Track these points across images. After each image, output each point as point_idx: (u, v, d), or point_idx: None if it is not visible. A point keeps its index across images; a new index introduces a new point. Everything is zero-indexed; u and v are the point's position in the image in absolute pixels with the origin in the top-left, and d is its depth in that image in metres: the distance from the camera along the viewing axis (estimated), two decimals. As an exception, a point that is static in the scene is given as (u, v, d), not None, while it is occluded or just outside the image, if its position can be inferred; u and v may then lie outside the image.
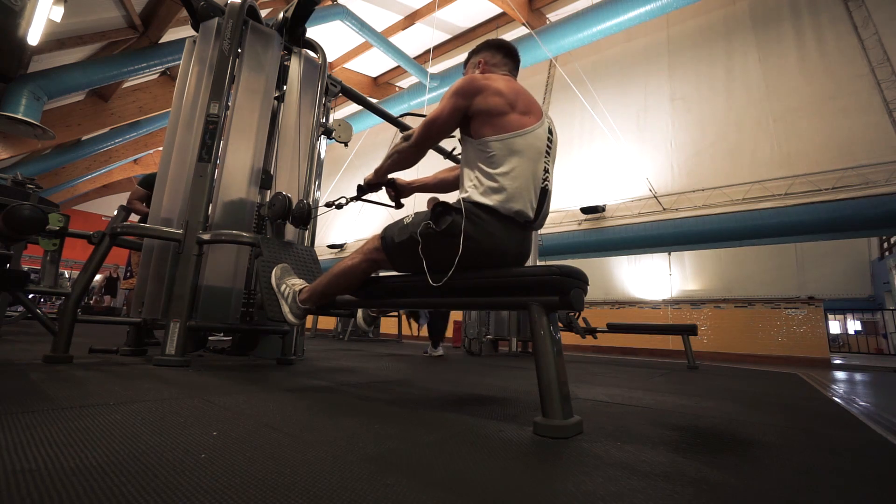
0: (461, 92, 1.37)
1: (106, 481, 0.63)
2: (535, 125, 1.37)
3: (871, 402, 2.22)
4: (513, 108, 1.35)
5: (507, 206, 1.31)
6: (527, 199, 1.34)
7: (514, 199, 1.31)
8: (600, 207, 7.07)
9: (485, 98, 1.35)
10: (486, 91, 1.35)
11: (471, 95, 1.36)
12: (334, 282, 1.58)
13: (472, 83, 1.37)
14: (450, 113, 1.39)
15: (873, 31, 5.79)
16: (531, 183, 1.35)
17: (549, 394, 1.08)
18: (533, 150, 1.35)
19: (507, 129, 1.33)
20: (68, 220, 3.10)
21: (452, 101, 1.38)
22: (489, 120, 1.34)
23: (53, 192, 11.19)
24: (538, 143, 1.37)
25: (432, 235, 1.31)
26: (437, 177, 1.80)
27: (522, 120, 1.35)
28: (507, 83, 1.39)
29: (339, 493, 0.64)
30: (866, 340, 11.30)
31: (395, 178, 1.82)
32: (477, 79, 1.38)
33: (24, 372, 1.59)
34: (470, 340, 4.96)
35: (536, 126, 1.37)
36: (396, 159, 1.56)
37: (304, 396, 1.45)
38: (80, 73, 6.04)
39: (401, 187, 1.82)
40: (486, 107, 1.34)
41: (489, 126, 1.34)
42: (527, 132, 1.35)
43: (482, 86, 1.36)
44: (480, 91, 1.36)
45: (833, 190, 5.31)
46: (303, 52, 2.97)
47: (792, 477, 0.85)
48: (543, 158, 1.38)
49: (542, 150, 1.38)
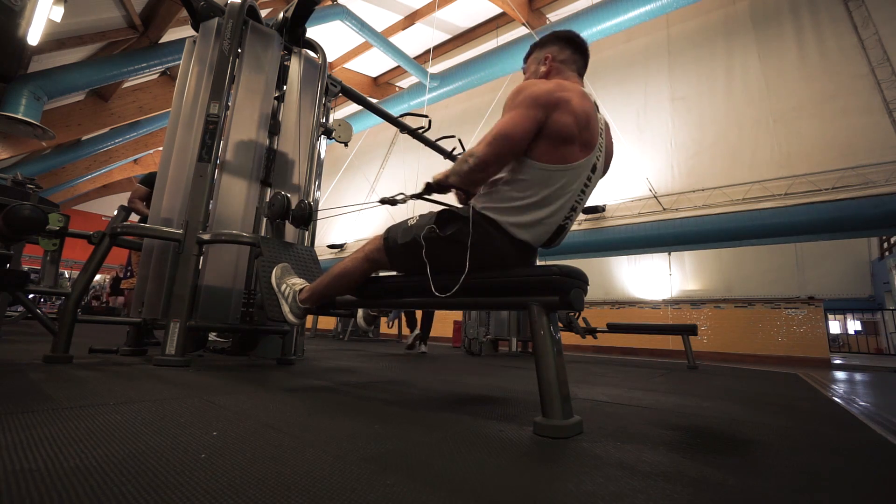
0: (541, 102, 1.18)
1: (106, 481, 0.63)
2: (584, 160, 1.23)
3: (871, 402, 2.22)
4: (578, 137, 1.21)
5: (516, 232, 1.25)
6: (539, 234, 1.27)
7: (526, 230, 1.25)
8: (600, 207, 7.07)
9: (560, 116, 1.18)
10: (565, 107, 1.18)
11: (550, 108, 1.18)
12: (335, 281, 1.57)
13: (551, 93, 1.19)
14: (527, 127, 1.19)
15: (873, 31, 5.79)
16: (550, 220, 1.26)
17: (549, 394, 1.08)
18: (569, 187, 1.23)
19: (559, 160, 1.20)
20: (68, 220, 3.09)
21: (530, 112, 1.18)
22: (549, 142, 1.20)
23: (53, 192, 11.19)
24: (577, 181, 1.24)
25: (436, 240, 1.29)
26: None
27: (578, 154, 1.22)
28: (581, 100, 1.23)
29: (339, 493, 0.64)
30: (866, 340, 11.30)
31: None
32: (553, 89, 1.20)
33: (24, 372, 1.59)
34: (470, 340, 4.96)
35: (584, 161, 1.24)
36: (458, 181, 1.33)
37: (304, 396, 1.45)
38: (80, 73, 6.04)
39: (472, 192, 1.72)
40: (556, 128, 1.18)
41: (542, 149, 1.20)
42: (571, 168, 1.22)
43: (562, 98, 1.19)
44: (558, 104, 1.18)
45: (833, 190, 5.31)
46: (303, 52, 2.97)
47: (792, 477, 0.85)
48: (576, 196, 1.26)
49: (579, 186, 1.25)
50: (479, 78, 8.58)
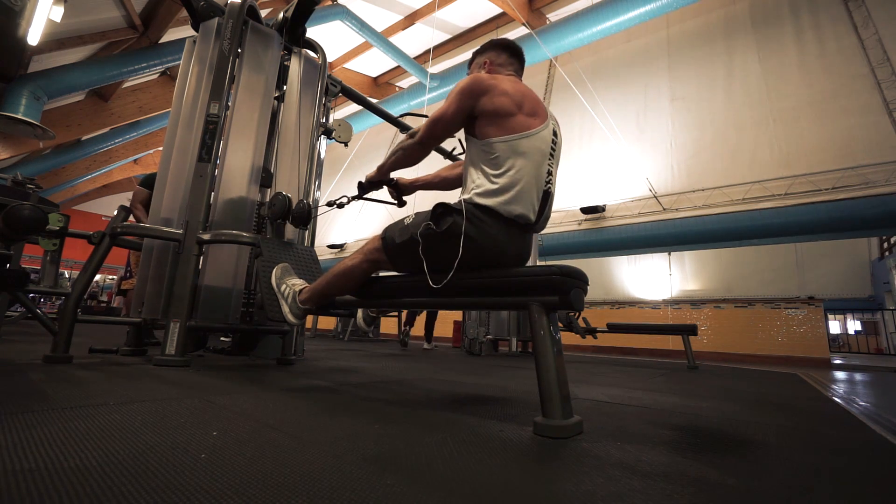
0: (467, 91, 1.36)
1: (106, 481, 0.63)
2: (541, 127, 1.36)
3: (871, 402, 2.22)
4: (519, 110, 1.34)
5: (509, 208, 1.30)
6: (528, 202, 1.33)
7: (516, 201, 1.31)
8: (600, 207, 7.07)
9: (490, 98, 1.34)
10: (493, 91, 1.34)
11: (477, 95, 1.35)
12: (334, 282, 1.58)
13: (478, 83, 1.35)
14: (455, 112, 1.38)
15: (873, 31, 5.79)
16: (534, 186, 1.33)
17: (549, 394, 1.08)
18: (537, 153, 1.34)
19: (512, 130, 1.32)
20: (68, 220, 3.10)
21: (458, 100, 1.36)
22: (494, 121, 1.33)
23: (53, 192, 11.19)
24: (542, 145, 1.36)
25: (433, 236, 1.30)
26: (438, 175, 1.80)
27: (528, 121, 1.34)
28: (513, 84, 1.38)
29: (339, 493, 0.64)
30: (866, 340, 11.31)
31: (397, 176, 1.82)
32: (483, 78, 1.37)
33: (24, 372, 1.59)
34: (470, 340, 4.96)
35: (541, 128, 1.36)
36: (400, 157, 1.55)
37: (305, 396, 1.45)
38: (80, 73, 6.04)
39: (403, 186, 1.82)
40: (491, 107, 1.33)
41: (494, 127, 1.33)
42: (531, 134, 1.34)
43: (488, 86, 1.35)
44: (486, 91, 1.34)
45: (833, 190, 5.31)
46: (303, 52, 2.97)
47: (792, 477, 0.85)
48: (547, 161, 1.37)
49: (546, 152, 1.37)
50: (479, 78, 8.57)
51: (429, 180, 1.82)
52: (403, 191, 1.84)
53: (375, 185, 1.77)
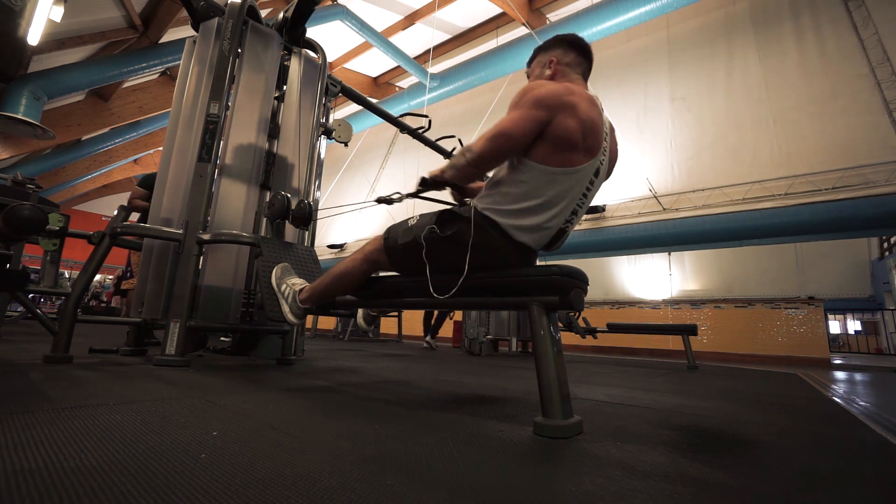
0: (546, 103, 1.17)
1: (106, 481, 0.63)
2: (587, 164, 1.22)
3: (871, 402, 2.22)
4: (581, 143, 1.19)
5: (517, 234, 1.24)
6: (539, 236, 1.26)
7: (527, 232, 1.24)
8: (600, 207, 7.07)
9: (564, 119, 1.16)
10: (571, 111, 1.17)
11: (555, 109, 1.17)
12: (335, 282, 1.57)
13: (556, 96, 1.18)
14: (528, 126, 1.17)
15: (873, 31, 5.78)
16: (551, 223, 1.25)
17: (549, 394, 1.08)
18: (570, 191, 1.23)
19: (558, 163, 1.19)
20: (68, 220, 3.10)
21: (533, 112, 1.17)
22: (551, 147, 1.18)
23: (53, 192, 11.19)
24: (579, 185, 1.23)
25: (436, 241, 1.29)
26: None
27: (580, 158, 1.20)
28: (588, 105, 1.21)
29: (339, 493, 0.64)
30: (866, 340, 11.30)
31: None
32: (561, 92, 1.19)
33: (24, 372, 1.59)
34: (470, 340, 4.96)
35: (588, 165, 1.22)
36: (450, 175, 1.36)
37: (305, 396, 1.45)
38: (80, 73, 6.04)
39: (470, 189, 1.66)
40: (559, 131, 1.17)
41: (544, 152, 1.19)
42: (574, 171, 1.21)
43: (567, 102, 1.17)
44: (564, 107, 1.17)
45: (833, 190, 5.31)
46: (303, 52, 2.97)
47: (792, 477, 0.85)
48: (577, 200, 1.25)
49: (579, 193, 1.24)
50: (479, 78, 8.58)
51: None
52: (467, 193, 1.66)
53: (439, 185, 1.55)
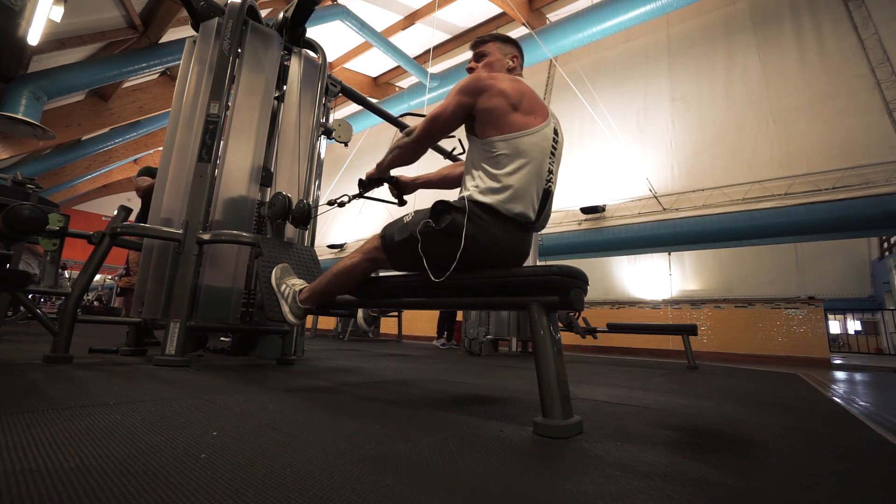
0: (466, 90, 1.36)
1: (106, 481, 0.63)
2: (541, 125, 1.36)
3: (871, 402, 2.22)
4: (516, 109, 1.34)
5: (508, 206, 1.30)
6: (528, 201, 1.33)
7: (516, 199, 1.31)
8: (600, 207, 7.07)
9: (489, 98, 1.34)
10: (491, 90, 1.34)
11: (475, 94, 1.35)
12: (334, 281, 1.58)
13: (477, 82, 1.36)
14: (453, 111, 1.38)
15: (873, 31, 5.78)
16: (534, 184, 1.33)
17: (549, 394, 1.08)
18: (538, 151, 1.34)
19: (511, 129, 1.32)
20: (68, 220, 3.10)
21: (456, 98, 1.37)
22: (493, 120, 1.34)
23: (53, 192, 11.18)
24: (543, 143, 1.36)
25: (432, 233, 1.30)
26: (440, 173, 1.79)
27: (527, 120, 1.34)
28: (512, 83, 1.37)
29: (339, 493, 0.64)
30: (866, 340, 11.30)
31: (398, 175, 1.81)
32: (482, 77, 1.37)
33: (24, 372, 1.59)
34: (470, 340, 4.96)
35: (542, 126, 1.36)
36: (397, 154, 1.56)
37: (304, 396, 1.45)
38: (80, 73, 6.04)
39: (404, 184, 1.82)
40: (489, 106, 1.33)
41: (492, 126, 1.34)
42: (532, 132, 1.34)
43: (487, 85, 1.35)
44: (485, 90, 1.35)
45: (833, 190, 5.31)
46: (303, 52, 2.97)
47: (792, 477, 0.85)
48: (548, 159, 1.37)
49: (546, 150, 1.37)
50: (479, 78, 8.56)
51: (430, 178, 1.81)
52: (404, 189, 1.83)
53: (376, 182, 1.76)
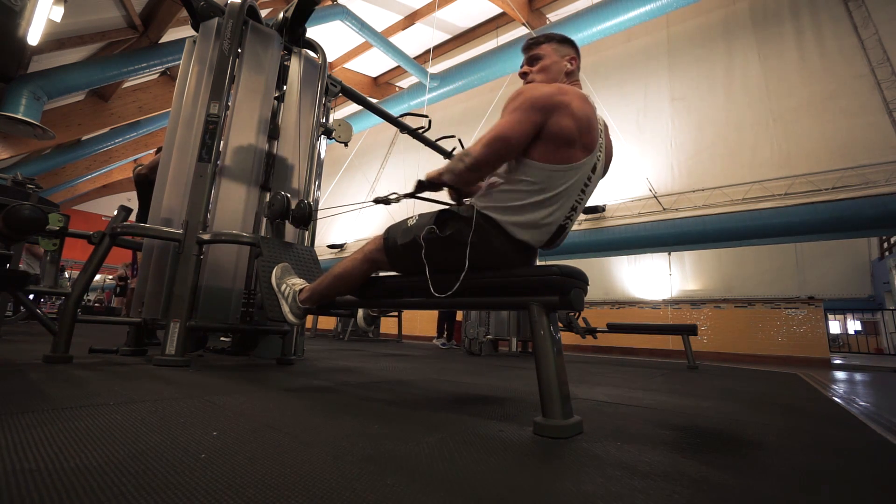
0: (539, 106, 1.19)
1: (106, 481, 0.63)
2: (584, 160, 1.24)
3: (871, 402, 2.22)
4: (578, 139, 1.21)
5: (517, 230, 1.26)
6: (539, 234, 1.28)
7: (527, 229, 1.26)
8: (600, 207, 7.07)
9: (560, 118, 1.19)
10: (565, 110, 1.20)
11: (549, 111, 1.19)
12: (335, 282, 1.57)
13: (551, 96, 1.20)
14: (525, 130, 1.20)
15: (873, 31, 5.78)
16: (552, 220, 1.26)
17: (549, 394, 1.08)
18: (570, 188, 1.25)
19: (558, 160, 1.21)
20: (68, 220, 3.10)
21: (527, 116, 1.20)
22: (549, 146, 1.21)
23: (53, 192, 11.18)
24: (578, 182, 1.25)
25: (436, 241, 1.29)
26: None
27: (578, 155, 1.23)
28: (581, 104, 1.23)
29: (339, 493, 0.64)
30: (866, 340, 11.30)
31: None
32: (554, 93, 1.22)
33: (24, 372, 1.59)
34: (470, 340, 4.96)
35: (585, 162, 1.24)
36: (452, 180, 1.35)
37: (304, 396, 1.45)
38: (80, 73, 6.04)
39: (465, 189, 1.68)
40: (557, 130, 1.19)
41: (542, 150, 1.21)
42: (572, 168, 1.23)
43: (559, 102, 1.20)
44: (557, 108, 1.20)
45: (833, 190, 5.31)
46: (303, 52, 2.97)
47: (792, 477, 0.85)
48: (576, 197, 1.27)
49: (578, 189, 1.26)
50: (479, 78, 8.58)
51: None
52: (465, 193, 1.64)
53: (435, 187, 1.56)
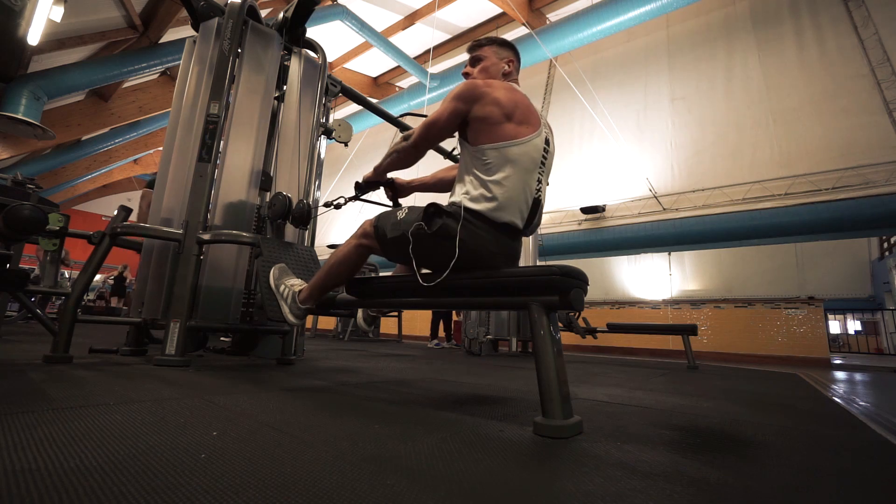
0: (461, 97, 1.38)
1: (106, 481, 0.63)
2: (532, 135, 1.37)
3: (871, 402, 2.22)
4: (509, 118, 1.35)
5: (497, 214, 1.32)
6: (517, 210, 1.34)
7: (505, 208, 1.32)
8: (600, 207, 7.07)
9: (483, 106, 1.35)
10: (485, 99, 1.36)
11: (471, 101, 1.36)
12: (332, 273, 1.58)
13: (472, 89, 1.37)
14: (448, 117, 1.40)
15: (873, 31, 5.79)
16: (523, 194, 1.35)
17: (549, 394, 1.08)
18: (527, 160, 1.35)
19: (502, 138, 1.34)
20: (68, 220, 3.10)
21: (452, 105, 1.38)
22: (485, 128, 1.35)
23: (53, 192, 11.19)
24: (534, 153, 1.37)
25: (424, 236, 1.32)
26: (435, 176, 1.81)
27: (518, 130, 1.36)
28: (506, 92, 1.39)
29: (339, 493, 0.64)
30: (866, 340, 11.31)
31: (394, 177, 1.82)
32: (478, 85, 1.38)
33: (24, 372, 1.59)
34: (470, 340, 4.96)
35: (533, 136, 1.37)
36: (395, 158, 1.57)
37: (304, 396, 1.45)
38: (80, 73, 6.04)
39: (399, 187, 1.82)
40: (482, 114, 1.35)
41: (484, 134, 1.35)
42: (522, 142, 1.35)
43: (482, 93, 1.36)
44: (480, 98, 1.36)
45: (833, 190, 5.31)
46: (303, 52, 2.97)
47: (792, 477, 0.85)
48: (538, 169, 1.39)
49: (537, 160, 1.38)
50: (479, 78, 8.57)
51: (426, 181, 1.82)
52: (400, 192, 1.84)
53: (372, 185, 1.78)
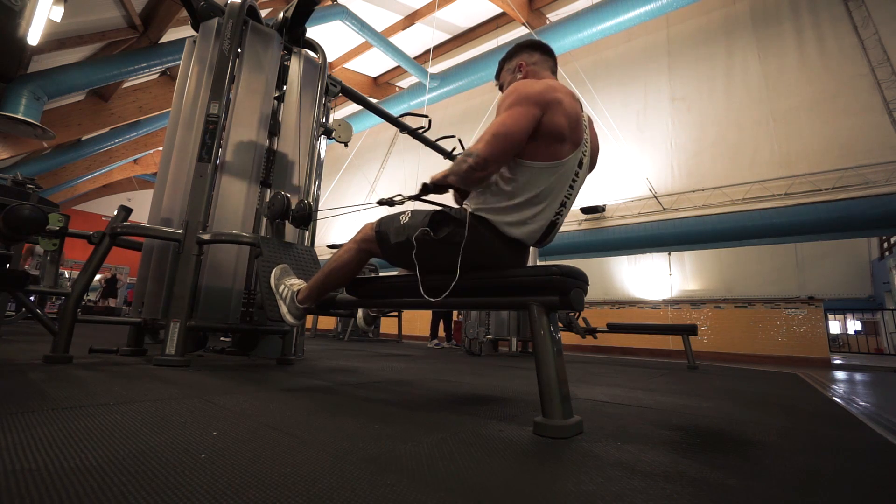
0: (535, 99, 1.19)
1: (106, 481, 0.63)
2: (570, 155, 1.25)
3: (871, 402, 2.22)
4: (569, 136, 1.23)
5: (509, 229, 1.27)
6: (531, 231, 1.28)
7: (519, 226, 1.27)
8: (600, 207, 7.07)
9: (553, 115, 1.19)
10: (559, 107, 1.20)
11: (545, 106, 1.19)
12: (331, 275, 1.57)
13: (545, 92, 1.20)
14: (527, 124, 1.18)
15: (873, 31, 5.79)
16: (542, 216, 1.27)
17: (549, 394, 1.08)
18: (557, 183, 1.25)
19: (547, 157, 1.21)
20: (68, 220, 3.10)
21: (526, 109, 1.18)
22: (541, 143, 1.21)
23: (53, 192, 11.18)
24: (568, 173, 1.26)
25: (429, 243, 1.29)
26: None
27: (565, 151, 1.23)
28: (570, 101, 1.25)
29: (339, 492, 0.64)
30: (866, 340, 11.31)
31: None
32: (548, 90, 1.22)
33: (24, 372, 1.59)
34: (470, 340, 4.96)
35: (571, 157, 1.25)
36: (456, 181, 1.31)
37: (304, 396, 1.45)
38: (80, 73, 6.04)
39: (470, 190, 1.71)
40: (549, 127, 1.20)
41: (534, 147, 1.21)
42: (560, 164, 1.23)
43: (555, 99, 1.20)
44: (553, 104, 1.20)
45: (833, 190, 5.31)
46: (303, 52, 2.97)
47: (792, 477, 0.85)
48: (564, 192, 1.28)
49: (566, 183, 1.27)
50: (479, 78, 8.59)
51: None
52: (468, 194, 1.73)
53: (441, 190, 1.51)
